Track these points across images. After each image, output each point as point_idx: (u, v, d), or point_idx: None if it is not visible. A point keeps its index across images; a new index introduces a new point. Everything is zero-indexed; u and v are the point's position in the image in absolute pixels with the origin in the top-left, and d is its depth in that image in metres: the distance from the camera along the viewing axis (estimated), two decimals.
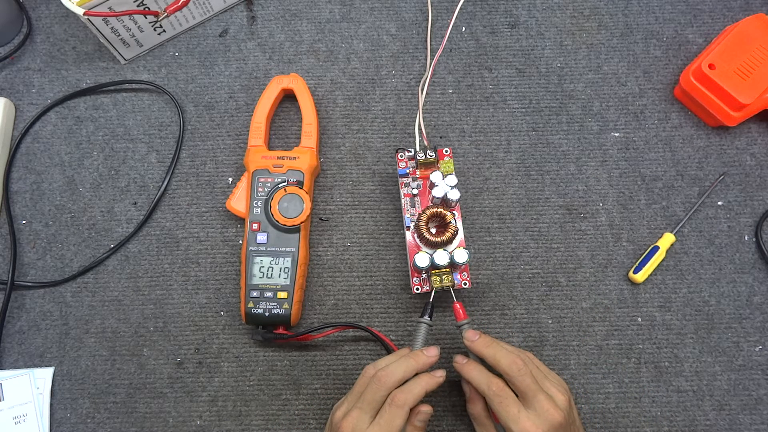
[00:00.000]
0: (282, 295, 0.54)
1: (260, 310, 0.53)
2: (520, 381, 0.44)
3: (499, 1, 0.64)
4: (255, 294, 0.54)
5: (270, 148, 0.59)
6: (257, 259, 0.54)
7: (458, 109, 0.61)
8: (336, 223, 0.59)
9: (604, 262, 0.58)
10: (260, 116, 0.58)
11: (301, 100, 0.58)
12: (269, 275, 0.54)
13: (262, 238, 0.55)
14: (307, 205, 0.54)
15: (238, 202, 0.56)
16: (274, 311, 0.53)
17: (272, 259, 0.54)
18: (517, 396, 0.45)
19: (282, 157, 0.56)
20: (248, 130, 0.58)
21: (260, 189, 0.56)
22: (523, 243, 0.58)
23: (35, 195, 0.59)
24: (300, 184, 0.55)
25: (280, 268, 0.54)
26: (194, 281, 0.57)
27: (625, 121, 0.61)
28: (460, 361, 0.49)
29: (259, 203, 0.55)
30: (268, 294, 0.54)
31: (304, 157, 0.56)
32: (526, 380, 0.44)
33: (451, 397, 0.55)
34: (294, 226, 0.54)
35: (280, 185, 0.55)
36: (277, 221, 0.54)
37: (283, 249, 0.55)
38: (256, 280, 0.54)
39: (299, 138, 0.58)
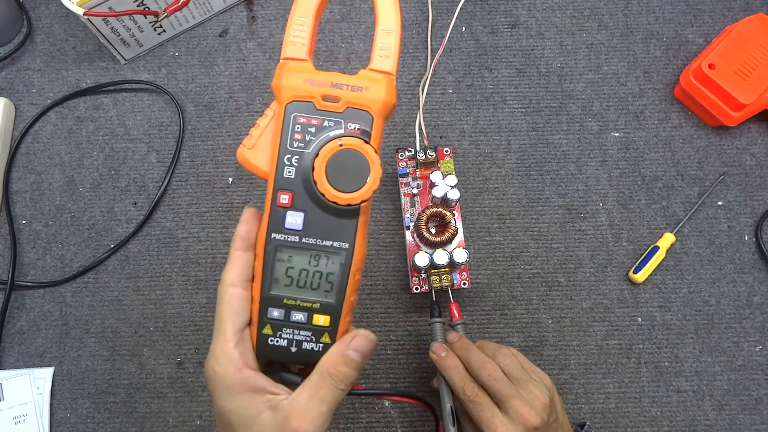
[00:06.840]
0: (321, 320, 0.34)
1: (283, 342, 0.34)
2: (489, 386, 0.44)
3: (499, 1, 0.64)
4: (276, 313, 0.34)
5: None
6: (285, 255, 0.34)
7: (458, 109, 0.61)
8: None
9: (604, 262, 0.58)
10: (305, 8, 0.34)
11: None
12: (303, 284, 0.34)
13: (295, 219, 0.34)
14: (376, 172, 0.33)
15: (257, 153, 0.34)
16: (306, 346, 0.34)
17: (311, 257, 0.34)
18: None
19: (340, 85, 0.33)
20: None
21: (298, 136, 0.33)
22: (523, 243, 0.58)
23: (35, 195, 0.59)
24: (366, 135, 0.33)
25: (322, 275, 0.34)
26: (194, 281, 0.57)
27: (625, 121, 0.61)
28: (438, 352, 0.46)
29: (294, 160, 0.33)
30: (298, 316, 0.34)
31: (376, 88, 0.33)
32: (495, 386, 0.43)
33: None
34: (352, 206, 0.33)
35: (332, 134, 0.33)
36: (323, 196, 0.33)
37: (329, 243, 0.34)
38: (280, 289, 0.34)
39: (365, 60, 0.40)
